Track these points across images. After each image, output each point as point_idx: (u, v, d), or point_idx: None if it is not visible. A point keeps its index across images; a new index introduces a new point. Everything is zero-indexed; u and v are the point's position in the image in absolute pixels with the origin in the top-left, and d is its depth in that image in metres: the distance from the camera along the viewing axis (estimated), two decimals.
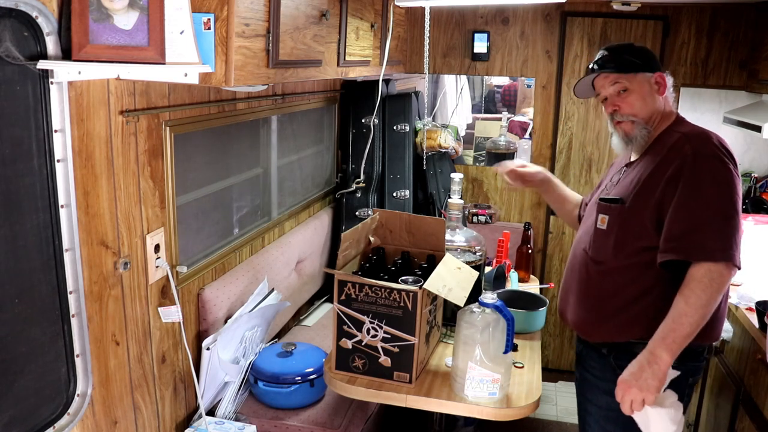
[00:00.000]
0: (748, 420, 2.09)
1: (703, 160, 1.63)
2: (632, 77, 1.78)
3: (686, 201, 1.62)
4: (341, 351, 1.83)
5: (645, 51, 1.83)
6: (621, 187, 1.81)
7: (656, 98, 1.79)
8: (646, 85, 1.79)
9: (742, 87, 3.19)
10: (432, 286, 1.71)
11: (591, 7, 3.30)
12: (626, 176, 1.82)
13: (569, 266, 1.93)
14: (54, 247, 1.44)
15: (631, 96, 1.78)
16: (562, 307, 1.96)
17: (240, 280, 2.25)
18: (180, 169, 1.94)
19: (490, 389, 1.70)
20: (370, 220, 2.01)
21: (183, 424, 2.05)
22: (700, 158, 1.63)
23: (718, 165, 1.63)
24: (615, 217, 1.75)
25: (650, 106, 1.78)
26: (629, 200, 1.73)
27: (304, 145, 2.98)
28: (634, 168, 1.81)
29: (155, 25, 1.34)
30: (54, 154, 1.40)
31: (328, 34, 2.09)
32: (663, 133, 1.78)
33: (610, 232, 1.76)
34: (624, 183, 1.80)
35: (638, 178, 1.74)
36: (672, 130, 1.77)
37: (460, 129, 4.25)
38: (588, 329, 1.84)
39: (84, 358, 1.54)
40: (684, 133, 1.71)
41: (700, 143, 1.66)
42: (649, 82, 1.79)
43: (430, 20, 2.84)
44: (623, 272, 1.74)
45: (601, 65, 1.81)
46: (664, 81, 1.80)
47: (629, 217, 1.72)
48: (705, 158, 1.63)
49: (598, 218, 1.80)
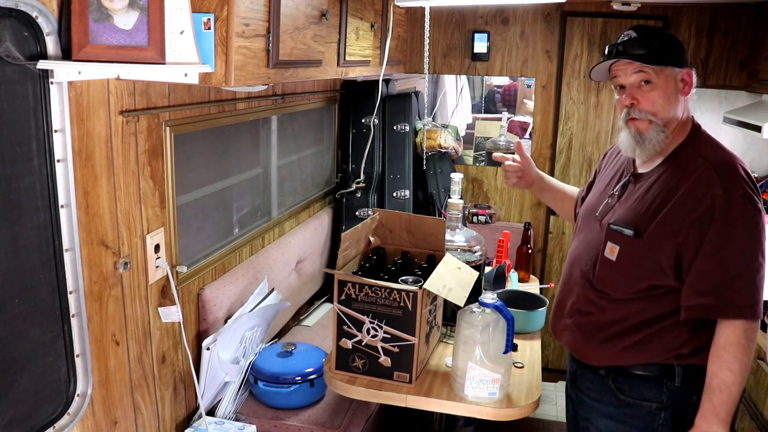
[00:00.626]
0: (748, 420, 2.09)
1: (734, 203, 1.46)
2: (659, 70, 1.56)
3: (716, 251, 1.47)
4: (341, 351, 1.83)
5: (676, 41, 1.61)
6: (631, 208, 1.61)
7: (680, 99, 1.59)
8: (672, 83, 1.57)
9: (742, 87, 3.19)
10: (432, 286, 1.71)
11: (591, 7, 3.30)
12: (637, 193, 1.63)
13: (564, 283, 1.79)
14: (54, 247, 1.44)
15: (654, 91, 1.57)
16: (554, 324, 1.82)
17: (240, 280, 2.25)
18: (180, 169, 1.94)
19: (490, 389, 1.70)
20: (370, 220, 2.01)
21: (183, 424, 2.05)
22: (732, 200, 1.46)
23: (750, 207, 1.47)
24: (627, 249, 1.58)
25: (672, 108, 1.58)
26: (646, 233, 1.55)
27: (304, 145, 2.98)
28: (647, 184, 1.61)
29: (155, 25, 1.34)
30: (54, 154, 1.40)
31: (328, 34, 2.09)
32: (681, 149, 1.59)
33: (620, 265, 1.59)
34: (635, 203, 1.61)
35: (655, 205, 1.56)
36: (692, 150, 1.57)
37: (460, 129, 4.25)
38: (586, 353, 1.71)
39: (84, 358, 1.54)
40: (712, 164, 1.51)
41: (730, 181, 1.48)
42: (675, 79, 1.58)
43: (430, 20, 2.84)
44: (629, 304, 1.60)
45: (625, 48, 1.57)
46: (691, 80, 1.60)
47: (645, 253, 1.55)
48: (737, 200, 1.47)
49: (607, 246, 1.62)
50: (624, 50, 1.58)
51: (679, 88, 1.59)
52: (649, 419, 1.62)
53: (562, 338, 1.79)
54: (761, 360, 2.04)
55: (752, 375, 2.13)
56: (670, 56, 1.56)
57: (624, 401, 1.64)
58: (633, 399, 1.63)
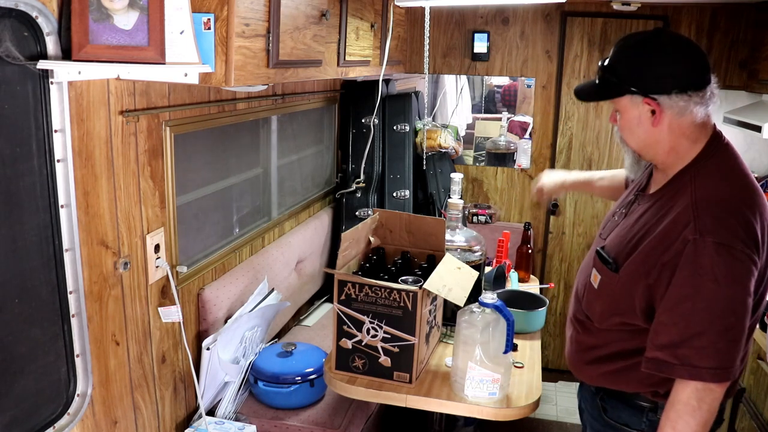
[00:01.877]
0: (748, 420, 2.09)
1: (706, 252, 1.28)
2: (617, 101, 1.42)
3: (677, 304, 1.32)
4: (341, 351, 1.83)
5: (640, 60, 1.37)
6: (619, 236, 1.52)
7: (650, 131, 1.39)
8: (634, 112, 1.40)
9: (742, 87, 3.19)
10: (432, 286, 1.71)
11: (591, 7, 3.30)
12: (632, 218, 1.52)
13: (573, 293, 1.72)
14: (54, 247, 1.44)
15: (621, 120, 1.45)
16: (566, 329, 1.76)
17: (240, 280, 2.25)
18: (180, 169, 1.94)
19: (490, 389, 1.70)
20: (370, 220, 2.01)
21: (183, 424, 2.05)
22: (703, 249, 1.29)
23: (727, 259, 1.27)
24: (606, 280, 1.49)
25: (638, 138, 1.43)
26: (622, 269, 1.44)
27: (304, 145, 2.98)
28: (642, 210, 1.49)
29: (155, 25, 1.34)
30: (54, 154, 1.40)
31: (328, 34, 2.09)
32: (682, 173, 1.41)
33: (600, 295, 1.52)
34: (624, 231, 1.51)
35: (636, 239, 1.44)
36: (690, 176, 1.39)
37: (460, 129, 4.25)
38: (575, 368, 1.67)
39: (84, 358, 1.54)
40: (694, 199, 1.34)
41: (708, 225, 1.29)
42: (637, 108, 1.39)
43: (430, 20, 2.84)
44: (606, 333, 1.54)
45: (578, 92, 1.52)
46: (659, 109, 1.36)
47: (620, 290, 1.45)
48: (710, 249, 1.28)
49: (593, 273, 1.55)
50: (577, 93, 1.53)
51: (647, 118, 1.39)
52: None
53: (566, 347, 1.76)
54: (761, 360, 2.04)
55: (752, 375, 2.13)
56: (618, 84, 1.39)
57: (608, 422, 1.60)
58: (615, 422, 1.58)
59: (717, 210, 1.31)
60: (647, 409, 1.52)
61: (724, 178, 1.38)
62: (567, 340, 1.72)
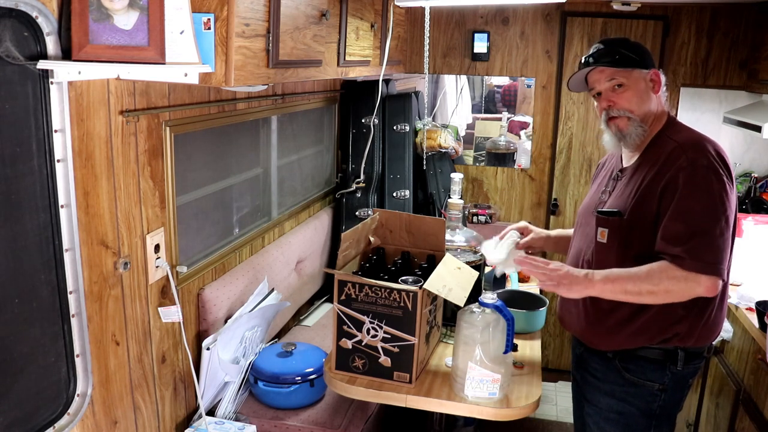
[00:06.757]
0: (748, 420, 2.09)
1: (698, 173, 1.60)
2: (628, 73, 1.74)
3: (680, 213, 1.60)
4: (341, 351, 1.83)
5: (641, 47, 1.80)
6: (618, 197, 1.77)
7: (651, 96, 1.77)
8: (642, 82, 1.76)
9: (742, 87, 3.19)
10: (432, 286, 1.71)
11: (591, 7, 3.30)
12: (622, 185, 1.79)
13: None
14: (54, 247, 1.44)
15: (627, 92, 1.74)
16: (561, 314, 1.93)
17: (240, 280, 2.25)
18: (180, 169, 1.94)
19: (490, 389, 1.70)
20: (370, 220, 2.01)
21: (183, 424, 2.05)
22: (696, 170, 1.60)
23: (713, 179, 1.60)
24: (614, 230, 1.72)
25: (646, 104, 1.76)
26: (627, 213, 1.70)
27: (304, 145, 2.98)
28: (630, 176, 1.77)
29: (155, 25, 1.34)
30: (54, 154, 1.40)
31: (328, 34, 2.09)
32: (657, 138, 1.76)
33: (611, 245, 1.73)
34: (620, 193, 1.77)
35: (635, 189, 1.71)
36: (666, 136, 1.74)
37: (460, 129, 4.25)
38: (593, 340, 1.82)
39: (84, 358, 1.54)
40: (679, 143, 1.68)
41: (696, 154, 1.63)
42: (644, 79, 1.76)
43: (430, 20, 2.84)
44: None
45: (596, 59, 1.76)
46: (659, 79, 1.78)
47: (629, 230, 1.69)
48: (701, 170, 1.60)
49: (598, 231, 1.76)
50: (596, 60, 1.76)
51: (650, 87, 1.77)
52: (650, 399, 1.75)
53: (570, 327, 1.91)
54: (761, 360, 2.04)
55: (752, 375, 2.13)
56: (638, 60, 1.75)
57: (629, 380, 1.76)
58: (637, 378, 1.75)
59: (699, 146, 1.65)
60: (669, 363, 1.72)
61: (690, 131, 1.75)
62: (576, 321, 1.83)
